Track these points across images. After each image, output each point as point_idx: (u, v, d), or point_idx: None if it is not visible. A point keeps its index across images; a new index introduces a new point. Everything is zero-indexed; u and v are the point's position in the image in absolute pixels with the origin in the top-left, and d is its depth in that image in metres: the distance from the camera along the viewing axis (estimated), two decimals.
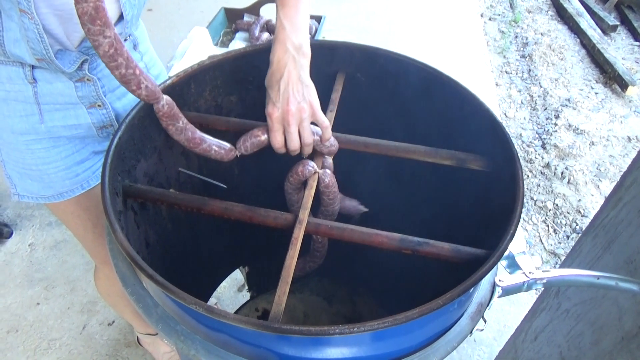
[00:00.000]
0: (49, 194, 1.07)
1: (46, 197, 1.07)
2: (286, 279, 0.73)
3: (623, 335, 0.85)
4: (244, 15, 2.66)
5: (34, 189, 1.06)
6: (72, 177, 1.06)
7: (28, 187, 1.06)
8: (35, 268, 2.00)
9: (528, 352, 1.26)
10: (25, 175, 1.04)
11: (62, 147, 1.02)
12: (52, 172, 1.03)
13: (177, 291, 0.64)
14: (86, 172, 1.08)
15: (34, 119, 0.96)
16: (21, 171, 1.03)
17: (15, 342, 1.77)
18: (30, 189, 1.06)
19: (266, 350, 0.69)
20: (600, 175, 2.43)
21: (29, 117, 0.96)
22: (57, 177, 1.04)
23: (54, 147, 1.01)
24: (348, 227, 0.82)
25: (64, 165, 1.04)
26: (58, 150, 1.02)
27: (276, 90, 0.88)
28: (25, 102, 0.94)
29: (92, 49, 0.94)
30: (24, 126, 0.96)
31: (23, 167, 1.02)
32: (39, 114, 0.96)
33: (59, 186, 1.06)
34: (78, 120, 1.01)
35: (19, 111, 0.95)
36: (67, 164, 1.04)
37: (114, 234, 0.71)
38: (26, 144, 0.99)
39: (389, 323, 0.61)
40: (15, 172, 1.04)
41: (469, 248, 0.77)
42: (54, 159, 1.02)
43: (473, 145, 0.95)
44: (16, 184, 1.06)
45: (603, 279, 0.78)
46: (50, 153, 1.01)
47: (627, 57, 3.29)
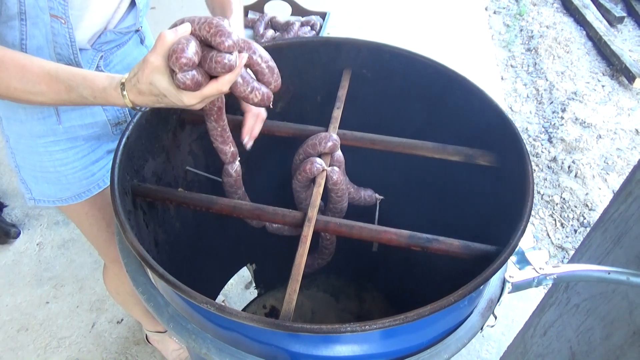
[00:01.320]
0: (67, 195, 1.07)
1: (63, 200, 1.08)
2: (296, 277, 0.73)
3: (634, 330, 0.84)
4: (249, 12, 2.65)
5: (51, 192, 1.06)
6: (88, 177, 1.07)
7: (45, 190, 1.06)
8: (44, 267, 2.01)
9: (537, 347, 1.25)
10: (42, 178, 1.05)
11: (79, 148, 1.03)
12: (69, 174, 1.04)
13: (188, 290, 0.64)
14: (101, 170, 1.09)
15: (51, 121, 0.97)
16: (37, 175, 1.04)
17: (25, 341, 1.78)
18: (47, 192, 1.07)
19: (277, 348, 0.70)
20: (607, 169, 2.41)
21: (46, 119, 0.97)
22: (74, 178, 1.05)
23: (72, 147, 1.02)
24: (357, 224, 0.82)
25: (81, 166, 1.05)
26: (75, 151, 1.03)
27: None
28: (43, 106, 0.94)
29: (105, 44, 0.95)
30: (42, 129, 0.97)
31: (40, 170, 1.03)
32: (56, 115, 0.97)
33: (76, 187, 1.07)
34: (94, 118, 1.02)
35: (37, 114, 0.96)
36: (84, 164, 1.05)
37: (125, 234, 0.72)
38: (45, 146, 1.00)
39: (400, 320, 0.61)
40: (31, 176, 1.05)
41: (479, 244, 0.77)
42: (71, 159, 1.03)
43: (481, 141, 0.94)
44: (31, 188, 1.06)
45: (614, 274, 0.77)
46: (68, 154, 1.02)
47: (634, 49, 3.26)
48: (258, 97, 0.76)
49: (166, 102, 0.72)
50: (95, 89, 0.73)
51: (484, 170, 0.93)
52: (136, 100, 0.72)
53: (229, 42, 0.66)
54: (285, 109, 1.20)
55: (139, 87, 0.70)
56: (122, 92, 0.72)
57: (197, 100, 0.71)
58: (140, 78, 0.69)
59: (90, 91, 0.73)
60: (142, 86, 0.70)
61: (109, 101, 0.74)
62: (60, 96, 0.74)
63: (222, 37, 0.66)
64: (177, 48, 0.65)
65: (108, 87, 0.73)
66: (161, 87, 0.69)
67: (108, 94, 0.73)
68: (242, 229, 1.35)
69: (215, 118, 0.89)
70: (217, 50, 0.67)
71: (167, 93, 0.69)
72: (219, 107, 0.88)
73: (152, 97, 0.71)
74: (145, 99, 0.72)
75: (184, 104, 0.71)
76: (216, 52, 0.67)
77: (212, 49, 0.68)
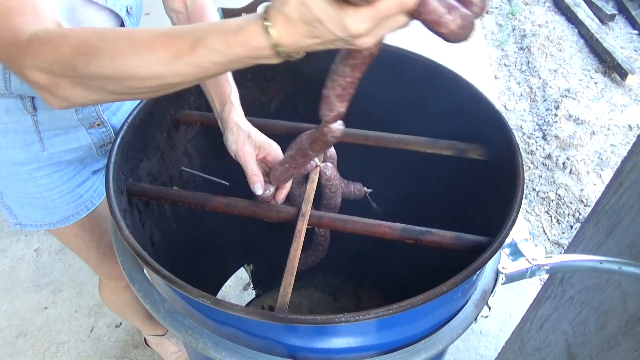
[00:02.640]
0: (54, 220, 1.05)
1: (51, 224, 1.06)
2: (291, 270, 0.74)
3: (628, 318, 0.85)
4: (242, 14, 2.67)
5: (38, 216, 1.04)
6: (76, 200, 1.05)
7: (31, 215, 1.03)
8: (42, 273, 2.01)
9: (534, 341, 1.26)
10: (27, 204, 1.01)
11: (64, 171, 1.01)
12: (56, 198, 1.02)
13: (184, 285, 0.65)
14: (88, 192, 1.07)
15: (35, 148, 0.94)
16: (23, 201, 1.01)
17: (24, 347, 1.78)
18: (34, 217, 1.04)
19: (273, 341, 0.70)
20: (601, 165, 2.43)
21: (29, 146, 0.93)
22: (61, 202, 1.03)
23: (57, 171, 1.00)
24: (350, 218, 0.83)
25: (67, 189, 1.03)
26: (60, 175, 1.00)
27: None
28: (25, 132, 0.92)
29: None
30: (25, 156, 0.94)
31: (25, 196, 1.00)
32: (39, 142, 0.93)
33: (64, 211, 1.04)
34: (79, 143, 0.99)
35: (19, 142, 0.92)
36: (70, 187, 1.03)
37: (120, 231, 0.72)
38: (28, 173, 0.96)
39: (393, 310, 0.61)
40: (16, 202, 1.02)
41: (471, 236, 0.78)
42: (56, 184, 1.00)
43: (473, 134, 0.95)
44: (17, 214, 1.03)
45: (606, 264, 0.78)
46: (53, 178, 1.00)
47: (625, 46, 3.29)
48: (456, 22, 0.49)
49: (320, 34, 0.50)
50: (228, 32, 0.53)
51: (475, 163, 0.94)
52: (284, 34, 0.51)
53: None
54: (279, 108, 1.21)
55: (286, 10, 0.50)
56: (266, 23, 0.51)
57: (368, 24, 0.48)
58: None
59: (223, 37, 0.53)
60: (291, 9, 0.49)
61: (250, 44, 0.52)
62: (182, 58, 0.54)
63: None
64: None
65: (245, 25, 0.52)
66: (316, 6, 0.48)
67: (247, 33, 0.52)
68: (239, 230, 1.35)
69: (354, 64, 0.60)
70: None
71: (323, 16, 0.48)
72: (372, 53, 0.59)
73: (303, 26, 0.50)
74: (296, 31, 0.50)
75: (346, 32, 0.48)
76: None
77: None
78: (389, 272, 1.42)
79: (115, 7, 0.82)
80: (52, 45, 0.57)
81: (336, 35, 0.49)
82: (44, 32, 0.58)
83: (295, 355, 0.71)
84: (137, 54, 0.55)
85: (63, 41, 0.57)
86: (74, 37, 0.57)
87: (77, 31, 0.59)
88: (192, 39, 0.54)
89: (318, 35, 0.50)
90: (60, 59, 0.56)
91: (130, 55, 0.55)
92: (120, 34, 0.57)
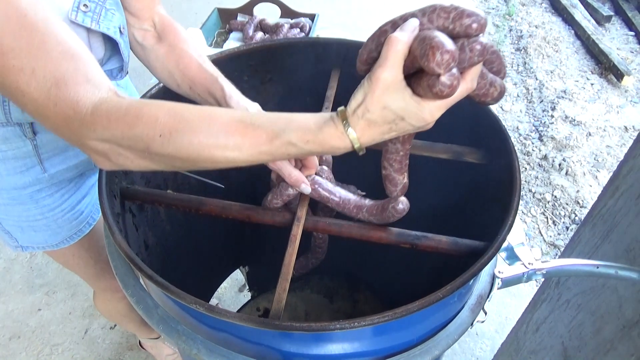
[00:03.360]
0: (57, 240, 1.03)
1: (54, 245, 1.04)
2: (286, 276, 0.73)
3: (624, 323, 0.85)
4: (238, 15, 2.65)
5: (39, 239, 1.02)
6: (78, 217, 1.03)
7: (32, 238, 1.02)
8: (36, 274, 2.00)
9: (530, 343, 1.26)
10: (28, 227, 0.99)
11: (65, 189, 0.99)
12: (59, 217, 1.00)
13: (177, 291, 0.64)
14: (88, 207, 1.06)
15: (35, 171, 0.92)
16: (23, 225, 0.99)
17: (18, 349, 1.76)
18: (35, 240, 1.02)
19: (268, 347, 0.70)
20: (597, 166, 2.43)
21: (29, 170, 0.91)
22: (64, 221, 1.01)
23: (57, 191, 0.98)
24: (346, 223, 0.83)
25: (69, 207, 1.01)
26: (61, 193, 0.99)
27: None
28: (25, 158, 0.90)
29: None
30: (26, 180, 0.92)
31: (27, 219, 0.98)
32: (39, 164, 0.91)
33: (67, 229, 1.03)
34: (78, 158, 0.97)
35: (19, 167, 0.90)
36: (72, 204, 1.01)
37: (113, 236, 0.72)
38: (30, 196, 0.94)
39: (389, 317, 0.61)
40: (16, 226, 0.99)
41: (467, 240, 0.77)
42: (58, 202, 0.99)
43: (469, 138, 0.95)
44: (17, 237, 1.01)
45: (602, 268, 0.78)
46: (54, 198, 0.98)
47: (622, 47, 3.29)
48: (497, 90, 0.60)
49: (398, 129, 0.56)
50: (307, 131, 0.56)
51: (473, 167, 0.94)
52: (364, 136, 0.55)
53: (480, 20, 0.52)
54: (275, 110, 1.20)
55: (369, 117, 0.54)
56: (347, 128, 0.55)
57: (444, 110, 0.55)
58: (371, 104, 0.53)
59: (301, 134, 0.56)
60: (373, 114, 0.54)
61: (327, 144, 0.56)
62: (258, 147, 0.57)
63: (470, 18, 0.51)
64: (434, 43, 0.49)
65: (325, 127, 0.56)
66: (398, 108, 0.53)
67: (326, 135, 0.56)
68: (234, 232, 1.34)
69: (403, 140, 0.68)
70: (466, 35, 0.52)
71: (405, 114, 0.54)
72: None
73: (384, 126, 0.55)
74: (375, 131, 0.56)
75: (424, 122, 0.55)
76: (466, 39, 0.52)
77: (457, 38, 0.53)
78: (385, 273, 1.41)
79: (108, 30, 0.80)
80: (122, 123, 0.56)
81: (414, 126, 0.55)
82: (109, 105, 0.57)
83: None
84: (215, 140, 0.56)
85: (136, 120, 0.56)
86: (149, 116, 0.56)
87: (151, 108, 0.57)
88: (272, 132, 0.56)
89: (397, 129, 0.56)
90: (133, 136, 0.56)
91: (208, 141, 0.56)
92: (197, 114, 0.57)
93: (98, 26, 0.79)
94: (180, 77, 0.88)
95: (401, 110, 0.53)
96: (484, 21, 0.52)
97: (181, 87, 0.89)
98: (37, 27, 0.55)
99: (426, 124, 0.56)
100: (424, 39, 0.51)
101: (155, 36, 0.91)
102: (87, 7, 0.76)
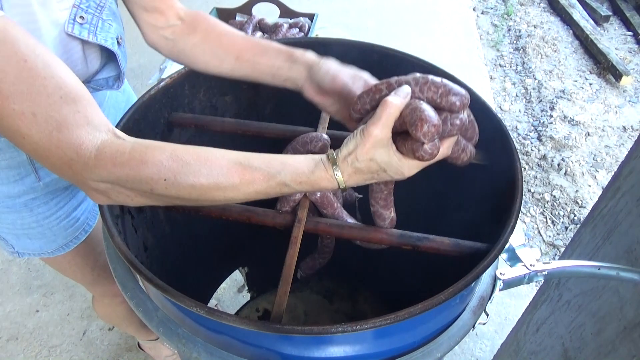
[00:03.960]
0: (53, 248, 1.03)
1: (49, 252, 1.03)
2: (287, 278, 0.73)
3: (625, 324, 0.85)
4: (236, 15, 2.65)
5: (35, 246, 1.01)
6: (73, 224, 1.03)
7: (28, 245, 1.01)
8: (34, 275, 1.99)
9: (530, 344, 1.26)
10: (23, 235, 0.99)
11: (60, 197, 0.98)
12: (54, 225, 0.99)
13: (177, 294, 0.63)
14: (84, 214, 1.05)
15: (30, 179, 0.91)
16: (19, 232, 0.98)
17: (15, 350, 1.76)
18: (31, 247, 1.01)
19: (268, 350, 0.69)
20: (596, 166, 2.43)
21: (24, 179, 0.90)
22: (59, 229, 1.00)
23: (53, 198, 0.97)
24: (347, 224, 0.82)
25: (64, 214, 1.00)
26: (56, 201, 0.98)
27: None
28: (19, 167, 0.89)
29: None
30: (20, 189, 0.91)
31: (21, 227, 0.97)
32: (34, 172, 0.91)
33: (62, 237, 1.02)
34: None
35: (13, 177, 0.89)
36: (67, 211, 1.01)
37: (112, 239, 0.71)
38: (24, 204, 0.94)
39: (391, 320, 0.60)
40: (12, 234, 0.99)
41: (469, 242, 0.77)
42: (53, 210, 0.98)
43: None
44: (13, 244, 1.01)
45: (604, 269, 0.78)
46: (49, 206, 0.97)
47: (620, 47, 3.30)
48: (467, 155, 0.70)
49: (379, 178, 0.65)
50: (301, 174, 0.62)
51: (473, 168, 0.93)
52: (349, 180, 0.63)
53: (463, 100, 0.61)
54: (275, 110, 1.20)
55: (357, 165, 0.62)
56: (336, 172, 0.62)
57: (420, 168, 0.65)
58: (360, 155, 0.61)
59: (295, 177, 0.62)
60: (361, 164, 0.62)
61: (317, 185, 0.63)
62: (254, 187, 0.62)
63: (454, 97, 0.60)
64: (424, 116, 0.57)
65: (316, 170, 0.62)
66: (382, 161, 0.62)
67: (317, 178, 0.62)
68: (233, 233, 1.34)
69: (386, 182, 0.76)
70: (450, 110, 0.61)
71: (387, 167, 0.62)
72: None
73: (368, 174, 0.63)
74: (360, 177, 0.63)
75: (402, 176, 0.65)
76: (449, 114, 0.61)
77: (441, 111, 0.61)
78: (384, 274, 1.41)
79: (106, 42, 0.80)
80: (127, 167, 0.58)
81: (393, 178, 0.65)
82: (112, 149, 0.58)
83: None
84: (215, 182, 0.61)
85: (141, 165, 0.59)
86: (153, 161, 0.59)
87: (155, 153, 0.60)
88: (268, 174, 0.62)
89: (377, 178, 0.65)
90: (139, 180, 0.59)
91: (209, 183, 0.61)
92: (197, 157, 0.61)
93: (95, 38, 0.78)
94: (223, 53, 0.88)
95: (385, 164, 0.62)
96: (466, 100, 0.61)
97: (225, 62, 0.89)
98: (38, 72, 0.55)
99: (403, 177, 0.65)
100: (415, 109, 0.59)
101: (186, 28, 0.91)
102: (83, 19, 0.76)
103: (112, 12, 0.82)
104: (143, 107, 0.93)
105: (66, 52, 0.78)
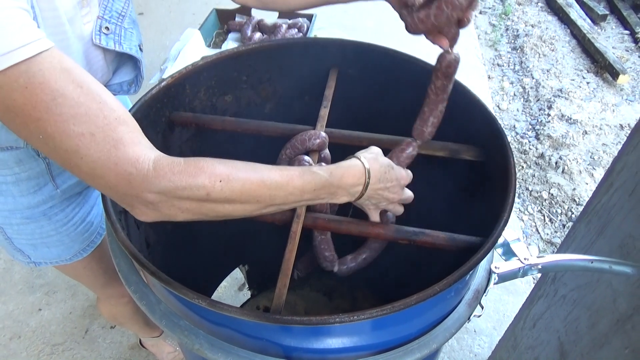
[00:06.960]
0: (70, 254, 1.05)
1: (67, 259, 1.05)
2: (286, 272, 0.74)
3: (618, 317, 0.86)
4: (236, 15, 2.66)
5: (52, 254, 1.03)
6: (89, 229, 1.05)
7: (45, 255, 1.03)
8: (36, 274, 2.00)
9: (527, 339, 1.27)
10: (42, 244, 1.01)
11: (75, 202, 1.01)
12: (71, 231, 1.01)
13: (180, 286, 0.65)
14: (97, 217, 1.07)
15: (48, 188, 0.94)
16: (37, 242, 1.00)
17: (18, 349, 1.77)
18: (48, 256, 1.03)
19: (268, 342, 0.71)
20: (594, 164, 2.45)
21: (42, 188, 0.93)
22: (76, 234, 1.03)
23: (69, 205, 0.99)
24: (345, 219, 0.84)
25: (80, 219, 1.03)
26: (72, 207, 1.00)
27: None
28: (38, 177, 0.91)
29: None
30: (40, 198, 0.94)
31: (40, 236, 0.99)
32: (51, 181, 0.93)
33: (79, 242, 1.04)
34: None
35: (32, 187, 0.92)
36: (82, 216, 1.03)
37: (116, 234, 0.73)
38: (43, 213, 0.96)
39: (387, 310, 0.62)
40: (29, 244, 1.01)
41: (464, 236, 0.79)
42: (70, 216, 1.00)
43: (466, 136, 0.96)
44: (29, 254, 1.03)
45: (597, 263, 0.79)
46: (67, 212, 0.99)
47: (617, 46, 3.32)
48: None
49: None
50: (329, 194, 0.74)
51: (469, 164, 0.95)
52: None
53: None
54: (274, 109, 1.21)
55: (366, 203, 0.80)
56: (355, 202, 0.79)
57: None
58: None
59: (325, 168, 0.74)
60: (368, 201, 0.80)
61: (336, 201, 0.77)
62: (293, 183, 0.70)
63: None
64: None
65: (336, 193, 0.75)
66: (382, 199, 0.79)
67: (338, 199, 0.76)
68: (234, 230, 1.35)
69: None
70: None
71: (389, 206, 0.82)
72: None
73: (376, 209, 0.82)
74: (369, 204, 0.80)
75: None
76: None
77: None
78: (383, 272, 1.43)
79: (131, 50, 0.83)
80: (186, 174, 0.62)
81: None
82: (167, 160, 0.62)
83: (290, 355, 0.72)
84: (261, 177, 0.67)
85: (198, 170, 0.63)
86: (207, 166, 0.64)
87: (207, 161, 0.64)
88: (301, 170, 0.71)
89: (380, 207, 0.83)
90: (195, 185, 0.63)
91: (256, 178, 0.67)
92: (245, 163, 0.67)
93: (121, 47, 0.82)
94: None
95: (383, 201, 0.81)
96: None
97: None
98: (93, 96, 0.59)
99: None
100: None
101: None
102: (108, 29, 0.80)
103: (132, 20, 0.85)
104: (145, 106, 0.95)
105: (88, 63, 0.81)
